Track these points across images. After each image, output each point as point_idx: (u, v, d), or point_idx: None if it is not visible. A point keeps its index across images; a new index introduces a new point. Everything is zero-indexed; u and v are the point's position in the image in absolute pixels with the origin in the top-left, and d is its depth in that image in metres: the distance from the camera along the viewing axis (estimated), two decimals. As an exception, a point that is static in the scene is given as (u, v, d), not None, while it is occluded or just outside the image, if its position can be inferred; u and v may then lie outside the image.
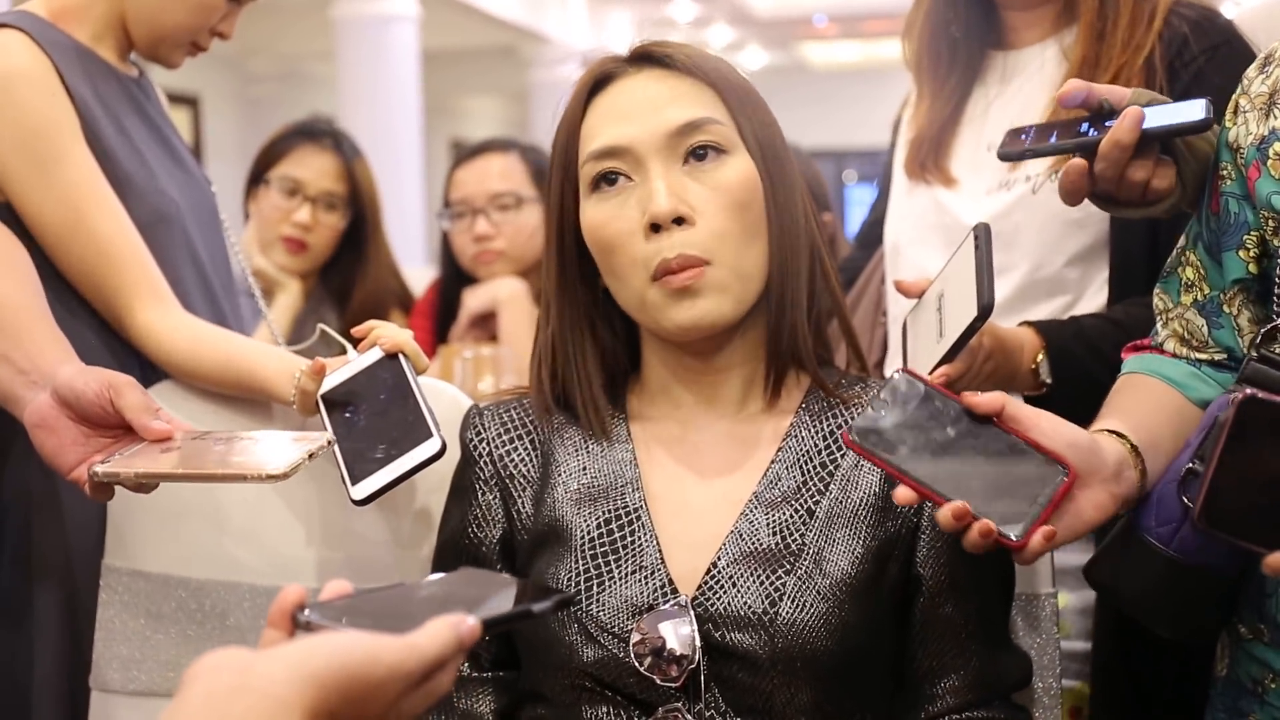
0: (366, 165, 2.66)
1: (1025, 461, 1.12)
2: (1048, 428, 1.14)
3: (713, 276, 1.22)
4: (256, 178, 2.61)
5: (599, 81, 1.29)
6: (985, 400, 1.14)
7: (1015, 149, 1.32)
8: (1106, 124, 1.25)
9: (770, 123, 1.29)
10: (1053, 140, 1.29)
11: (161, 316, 1.50)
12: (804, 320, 1.28)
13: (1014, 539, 1.10)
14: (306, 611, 0.79)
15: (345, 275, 2.61)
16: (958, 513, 1.10)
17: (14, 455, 1.53)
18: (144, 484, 1.28)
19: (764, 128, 1.28)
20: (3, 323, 1.38)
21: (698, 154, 1.24)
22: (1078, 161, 1.26)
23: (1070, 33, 1.65)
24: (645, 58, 1.28)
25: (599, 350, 1.32)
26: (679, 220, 1.22)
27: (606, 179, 1.26)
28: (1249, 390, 1.03)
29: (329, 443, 1.25)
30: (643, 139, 1.24)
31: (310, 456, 1.22)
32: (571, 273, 1.31)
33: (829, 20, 11.84)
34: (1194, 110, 1.22)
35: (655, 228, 1.22)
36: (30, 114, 1.47)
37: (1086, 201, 1.32)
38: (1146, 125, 1.22)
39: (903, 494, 1.13)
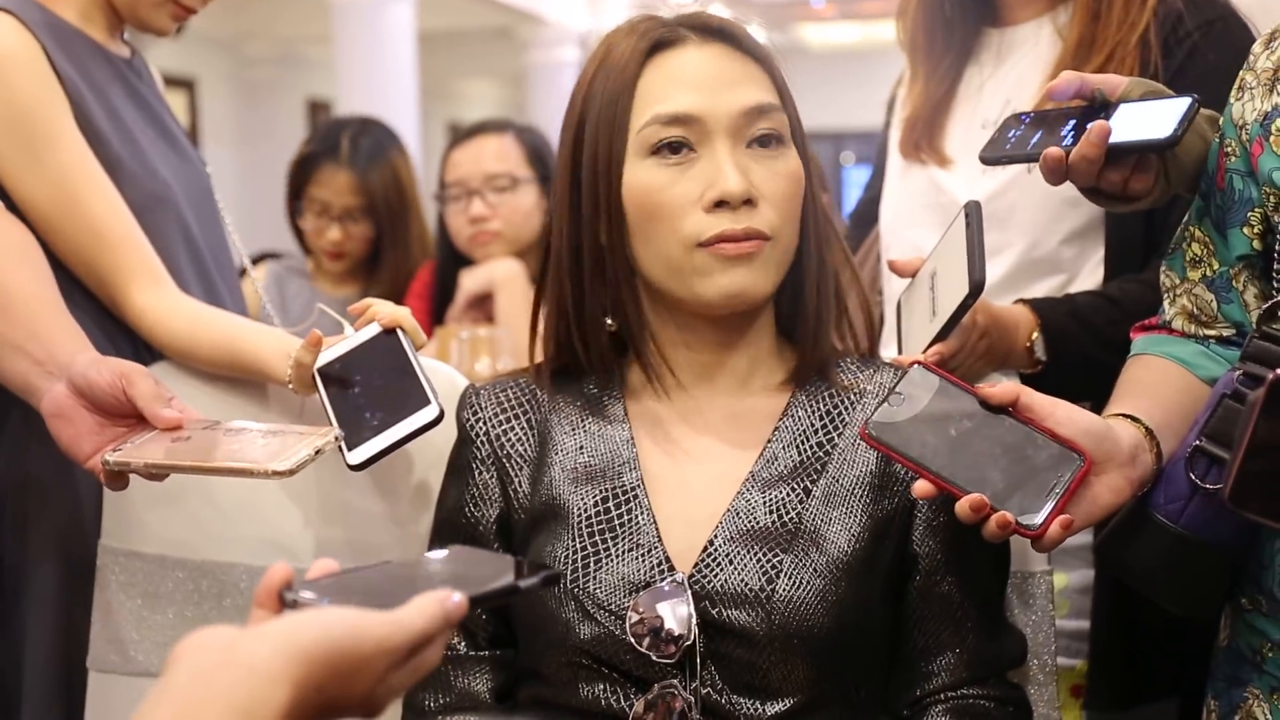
0: (385, 168, 2.80)
1: (1041, 451, 1.14)
2: (1062, 416, 1.15)
3: (770, 252, 1.24)
4: (295, 198, 2.84)
5: (662, 43, 1.27)
6: (1000, 391, 1.15)
7: (994, 153, 1.33)
8: (1099, 116, 1.25)
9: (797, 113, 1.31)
10: (1030, 147, 1.29)
11: (157, 298, 1.50)
12: (831, 309, 1.30)
13: (1032, 529, 1.11)
14: (293, 590, 0.79)
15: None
16: (975, 505, 1.11)
17: (8, 437, 1.53)
18: (154, 474, 1.28)
19: (799, 119, 1.30)
20: (19, 314, 1.38)
21: (762, 140, 1.25)
22: (1055, 150, 1.25)
23: (1065, 10, 1.65)
24: (712, 30, 1.28)
25: (599, 319, 1.30)
26: (747, 201, 1.23)
27: (670, 146, 1.24)
28: None
29: (336, 439, 1.25)
30: (715, 113, 1.24)
31: (316, 453, 1.22)
32: (603, 232, 1.27)
33: (827, 1, 11.80)
34: (1168, 121, 1.21)
35: (719, 204, 1.22)
36: (20, 96, 1.46)
37: None
38: (1113, 141, 1.22)
39: (921, 488, 1.14)
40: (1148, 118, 1.23)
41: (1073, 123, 1.27)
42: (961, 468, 1.13)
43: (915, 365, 1.18)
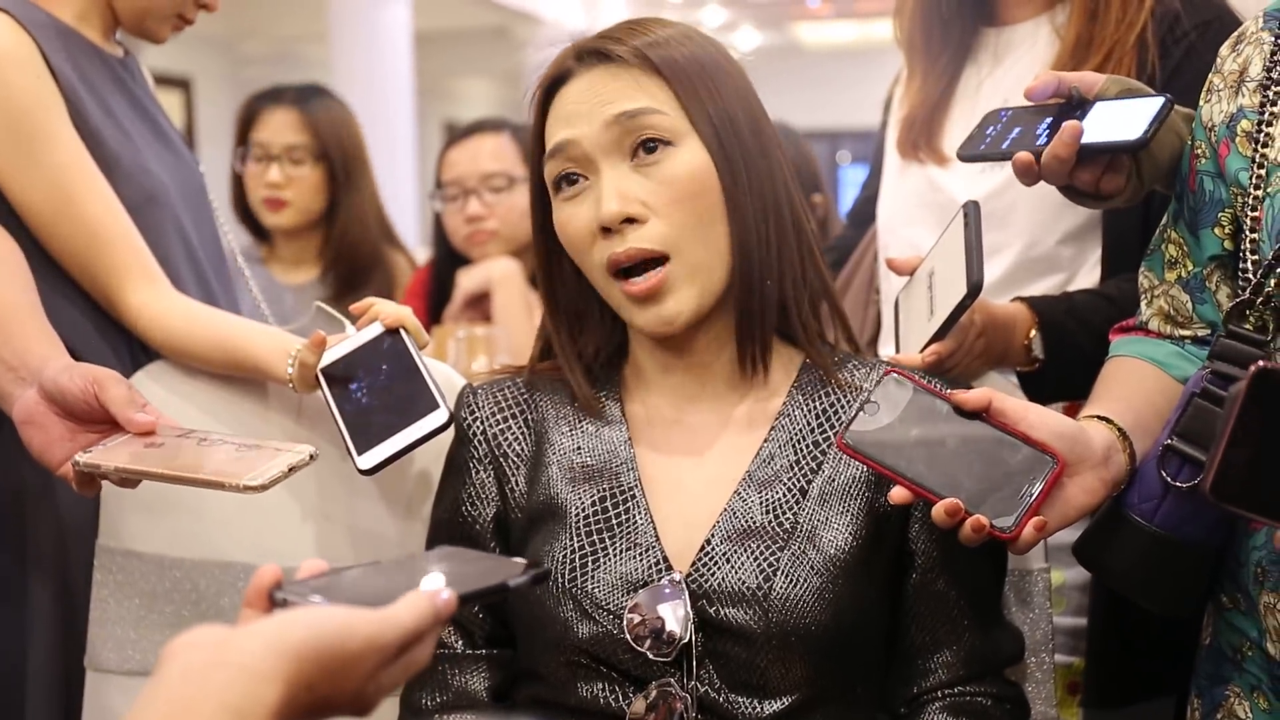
0: (334, 112, 2.72)
1: (1014, 454, 1.14)
2: (1035, 419, 1.15)
3: (674, 275, 1.23)
4: (238, 148, 2.73)
5: (555, 81, 1.28)
6: (972, 397, 1.16)
7: (970, 150, 1.33)
8: (1074, 114, 1.25)
9: (732, 97, 1.26)
10: (1005, 145, 1.29)
11: (153, 297, 1.50)
12: (791, 295, 1.28)
13: (1006, 531, 1.12)
14: (283, 590, 0.79)
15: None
16: (950, 509, 1.12)
17: (3, 441, 1.52)
18: (125, 479, 1.28)
19: (722, 107, 1.25)
20: None
21: (646, 148, 1.23)
22: (1025, 153, 1.25)
23: (1063, 10, 1.65)
24: (590, 53, 1.27)
25: (585, 334, 1.33)
26: (630, 220, 1.22)
27: (566, 179, 1.26)
28: (1262, 363, 1.03)
29: (311, 457, 1.24)
30: (587, 136, 1.24)
31: (290, 470, 1.21)
32: (552, 263, 1.32)
33: (822, 0, 11.81)
34: (1140, 121, 1.21)
35: (607, 230, 1.23)
36: (15, 96, 1.46)
37: None
38: (1084, 141, 1.22)
39: (898, 494, 1.15)
40: (1121, 117, 1.23)
41: (1049, 121, 1.27)
42: (936, 473, 1.15)
43: (890, 373, 1.19)
